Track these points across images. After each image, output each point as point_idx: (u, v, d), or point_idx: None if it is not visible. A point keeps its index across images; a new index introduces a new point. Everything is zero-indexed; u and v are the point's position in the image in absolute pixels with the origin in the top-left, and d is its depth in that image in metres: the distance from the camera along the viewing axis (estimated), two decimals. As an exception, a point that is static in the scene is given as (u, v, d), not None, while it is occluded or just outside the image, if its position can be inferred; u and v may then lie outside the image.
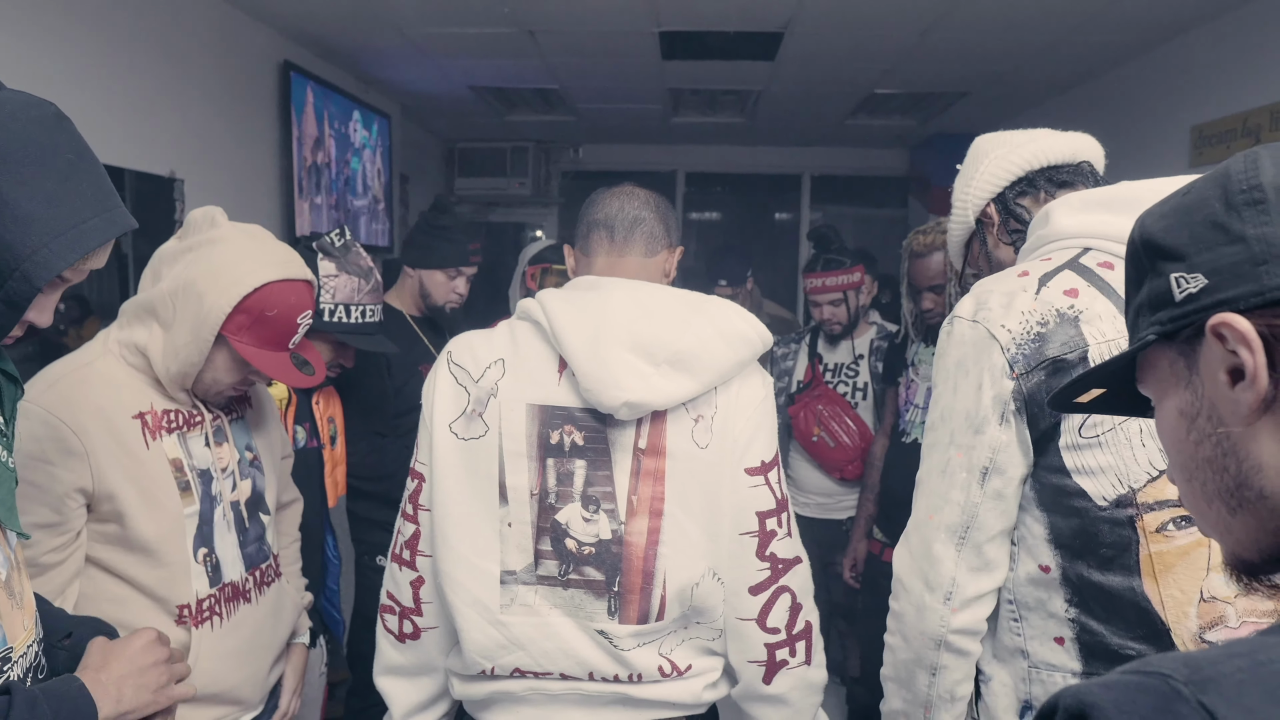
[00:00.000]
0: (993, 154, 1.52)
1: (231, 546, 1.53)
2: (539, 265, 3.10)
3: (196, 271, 1.43)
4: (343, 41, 4.14)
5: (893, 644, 1.38)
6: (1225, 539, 0.66)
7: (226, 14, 3.52)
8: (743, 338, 1.38)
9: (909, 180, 7.00)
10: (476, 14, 3.65)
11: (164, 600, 1.43)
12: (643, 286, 1.42)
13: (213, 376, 1.48)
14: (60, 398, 1.37)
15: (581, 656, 1.38)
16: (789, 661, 1.42)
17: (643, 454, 1.36)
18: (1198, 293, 0.63)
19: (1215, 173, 0.66)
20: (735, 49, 4.11)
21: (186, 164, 3.22)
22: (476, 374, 1.40)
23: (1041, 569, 1.27)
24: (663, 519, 1.35)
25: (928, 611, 1.30)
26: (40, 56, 2.49)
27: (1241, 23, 3.34)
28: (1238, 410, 0.61)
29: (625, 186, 1.53)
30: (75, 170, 1.00)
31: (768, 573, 1.39)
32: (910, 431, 2.58)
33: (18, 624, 1.05)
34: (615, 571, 1.36)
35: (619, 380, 1.31)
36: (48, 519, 1.34)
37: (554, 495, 1.37)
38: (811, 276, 3.08)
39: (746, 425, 1.38)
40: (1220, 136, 3.41)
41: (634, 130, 6.54)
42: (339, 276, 2.01)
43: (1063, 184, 1.47)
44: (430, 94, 5.25)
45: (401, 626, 1.47)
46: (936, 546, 1.30)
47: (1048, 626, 1.27)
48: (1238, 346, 0.60)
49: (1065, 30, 3.68)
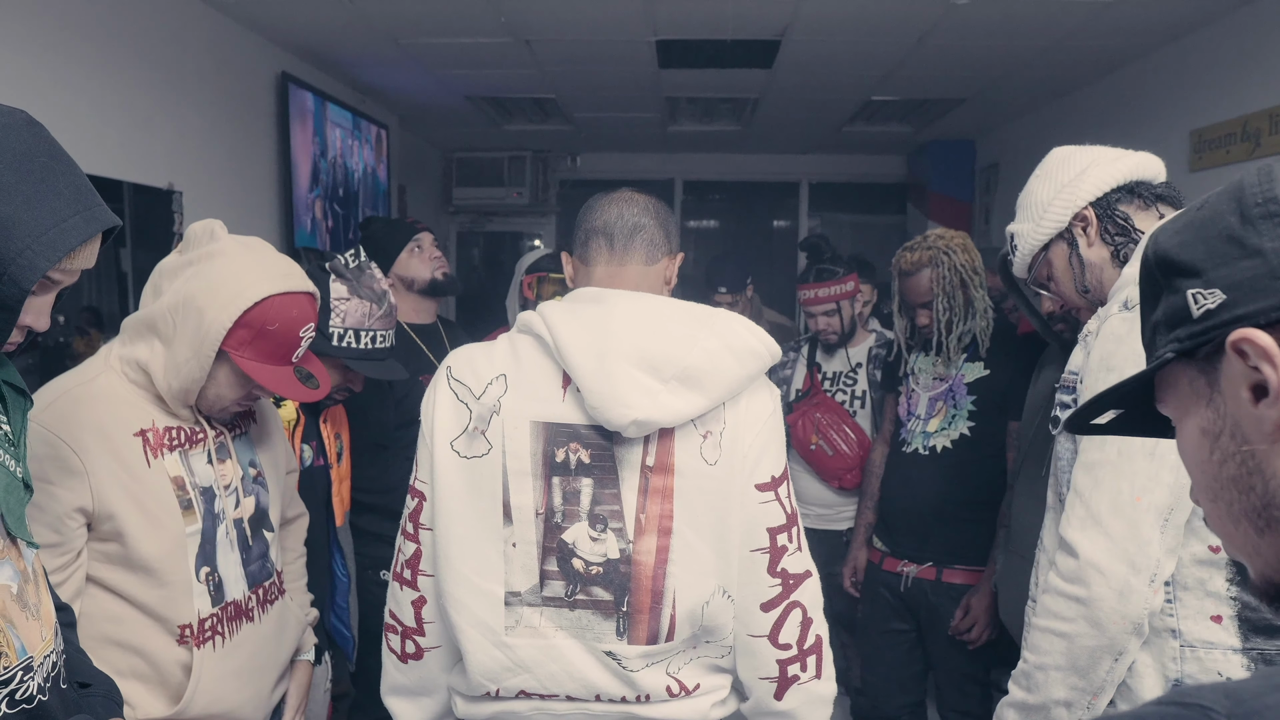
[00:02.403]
0: (1092, 160, 1.60)
1: (234, 565, 1.51)
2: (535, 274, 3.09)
3: (196, 287, 1.42)
4: (340, 52, 4.14)
5: (1072, 631, 1.37)
6: (1254, 561, 0.64)
7: (223, 26, 3.51)
8: (751, 352, 1.36)
9: (907, 186, 7.00)
10: (472, 24, 3.64)
11: (165, 620, 1.42)
12: (648, 299, 1.40)
13: (216, 392, 1.47)
14: (60, 416, 1.36)
15: (588, 679, 1.36)
16: (800, 677, 1.40)
17: (651, 471, 1.34)
18: (1216, 308, 0.62)
19: (1229, 186, 0.65)
20: (732, 57, 4.11)
21: (185, 176, 3.21)
22: (478, 390, 1.37)
23: (1211, 549, 1.32)
24: (671, 537, 1.33)
25: (1134, 595, 1.31)
26: (38, 70, 2.48)
27: (1240, 26, 3.34)
28: (1262, 427, 0.60)
29: (624, 192, 1.50)
30: (50, 172, 1.01)
31: (779, 589, 1.37)
32: (911, 442, 2.57)
33: (35, 634, 1.06)
34: (624, 591, 1.34)
35: (626, 398, 1.29)
36: (48, 539, 1.33)
37: (560, 514, 1.34)
38: (805, 288, 3.07)
39: (756, 440, 1.36)
40: (1220, 140, 3.41)
41: (631, 139, 6.54)
42: (350, 300, 1.96)
43: (1160, 197, 1.57)
44: (427, 104, 5.25)
45: (404, 646, 1.45)
46: (1145, 529, 1.32)
47: (1204, 605, 1.33)
48: (1260, 362, 0.59)
49: (1062, 35, 3.68)
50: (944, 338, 2.48)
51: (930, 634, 2.57)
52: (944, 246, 2.48)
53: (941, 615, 2.50)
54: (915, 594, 2.56)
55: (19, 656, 1.02)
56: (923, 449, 2.53)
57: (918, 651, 2.65)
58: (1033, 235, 1.65)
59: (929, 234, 2.56)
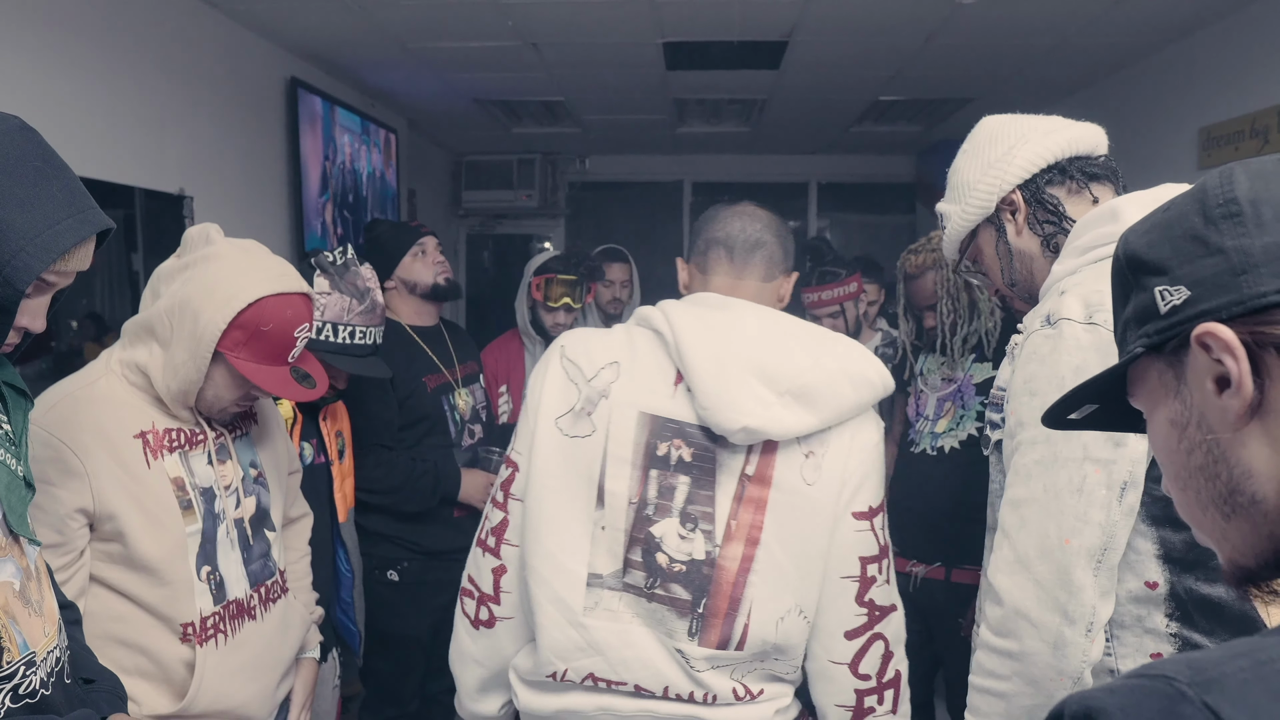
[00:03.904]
0: (1020, 137, 1.44)
1: (235, 564, 1.53)
2: (544, 275, 3.11)
3: (191, 289, 1.44)
4: (349, 57, 4.16)
5: (1007, 690, 1.23)
6: (1222, 546, 0.67)
7: (233, 31, 3.54)
8: (866, 380, 1.37)
9: (916, 186, 6.98)
10: (480, 28, 3.66)
11: (168, 618, 1.44)
12: (773, 314, 1.41)
13: (214, 394, 1.48)
14: (61, 418, 1.38)
15: (659, 669, 1.36)
16: (876, 709, 1.39)
17: (749, 480, 1.34)
18: (1181, 304, 0.65)
19: (1194, 189, 0.68)
20: (739, 58, 4.11)
21: (195, 181, 3.23)
22: (590, 372, 1.39)
23: (1148, 585, 1.22)
24: (758, 548, 1.34)
25: (1069, 648, 1.18)
26: (48, 77, 2.51)
27: (1248, 23, 3.32)
28: (1225, 417, 0.63)
29: (747, 206, 1.52)
30: (43, 176, 1.03)
31: (864, 618, 1.37)
32: (919, 442, 2.57)
33: (38, 630, 1.08)
34: (702, 593, 1.34)
35: (740, 404, 1.30)
36: (50, 539, 1.34)
37: (652, 507, 1.35)
38: (808, 291, 3.09)
39: (859, 469, 1.37)
40: (1228, 138, 3.39)
41: (640, 141, 6.55)
42: (330, 295, 1.99)
43: (1094, 176, 1.42)
44: (436, 108, 5.27)
45: (478, 612, 1.46)
46: (1077, 574, 1.18)
47: (1143, 643, 1.23)
48: (1222, 355, 0.62)
49: (1071, 33, 3.67)
50: (948, 339, 2.48)
51: (939, 634, 2.57)
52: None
53: (950, 615, 2.50)
54: (924, 594, 2.55)
55: (21, 652, 1.04)
56: (931, 450, 2.53)
57: (926, 652, 2.64)
58: (959, 219, 1.51)
59: (933, 236, 2.56)
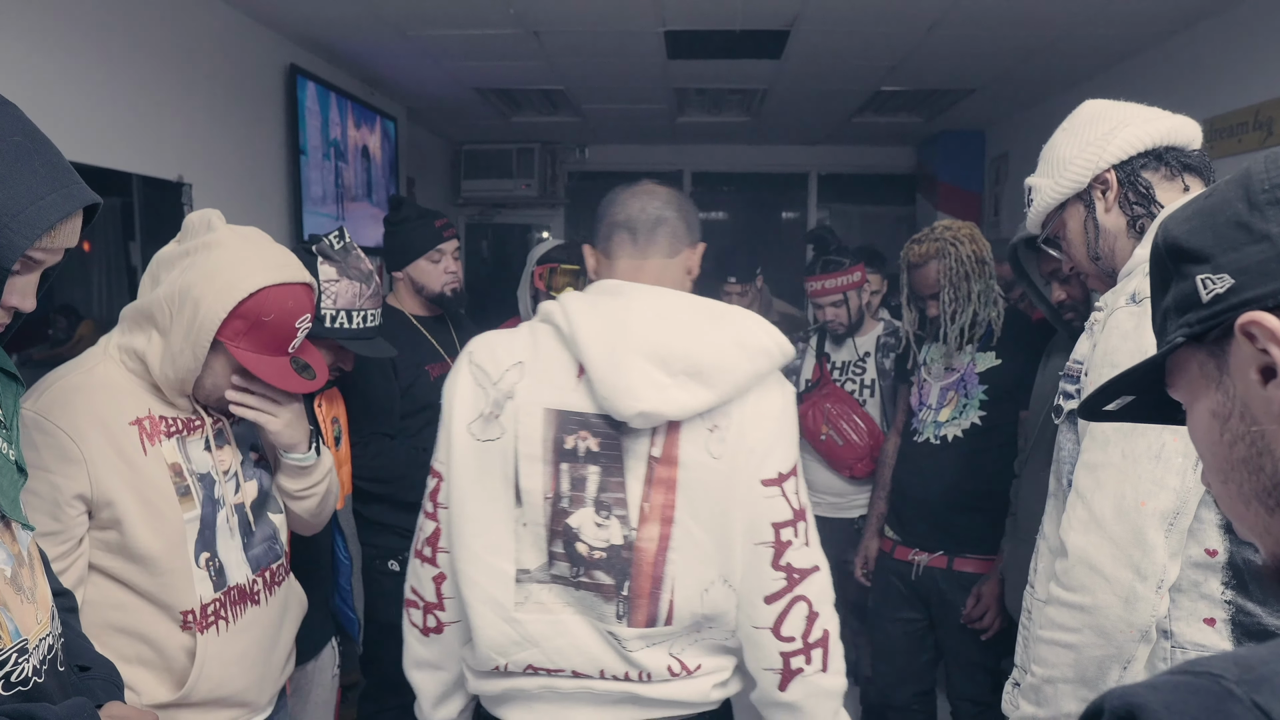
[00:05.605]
0: (1122, 120, 1.49)
1: (235, 550, 1.52)
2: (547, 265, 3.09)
3: (192, 277, 1.42)
4: (348, 45, 4.14)
5: (1078, 642, 1.32)
6: (1265, 540, 0.65)
7: (232, 18, 3.52)
8: (762, 350, 1.38)
9: (916, 177, 6.97)
10: (481, 16, 3.64)
11: (168, 606, 1.43)
12: (665, 294, 1.42)
13: (212, 383, 1.47)
14: (57, 404, 1.37)
15: (593, 654, 1.39)
16: (804, 669, 1.41)
17: (656, 462, 1.36)
18: (1225, 293, 0.63)
19: (1236, 174, 0.66)
20: (741, 48, 4.10)
21: (194, 168, 3.22)
22: (496, 375, 1.41)
23: (1208, 553, 1.29)
24: (673, 526, 1.36)
25: (1140, 602, 1.27)
26: (46, 63, 2.49)
27: (1251, 15, 3.31)
28: (1270, 408, 0.61)
29: (645, 185, 1.52)
30: (25, 152, 1.02)
31: (783, 582, 1.38)
32: (923, 431, 2.57)
33: (30, 617, 1.07)
34: (624, 576, 1.37)
35: (634, 389, 1.31)
36: (48, 527, 1.33)
37: (567, 499, 1.37)
38: (811, 280, 3.10)
39: (764, 437, 1.37)
40: (1232, 129, 3.38)
41: (640, 130, 6.53)
42: (340, 281, 1.98)
43: (1188, 167, 1.47)
44: (436, 96, 5.25)
45: (425, 621, 1.49)
46: (1150, 534, 1.26)
47: (1198, 608, 1.29)
48: (1268, 344, 0.60)
49: (1074, 24, 3.65)
50: (949, 328, 2.48)
51: (941, 623, 2.58)
52: (951, 238, 2.48)
53: (952, 604, 2.51)
54: (926, 583, 2.56)
55: (13, 639, 1.03)
56: (934, 438, 2.53)
57: (928, 640, 2.65)
58: (1050, 192, 1.56)
59: (936, 225, 2.56)
